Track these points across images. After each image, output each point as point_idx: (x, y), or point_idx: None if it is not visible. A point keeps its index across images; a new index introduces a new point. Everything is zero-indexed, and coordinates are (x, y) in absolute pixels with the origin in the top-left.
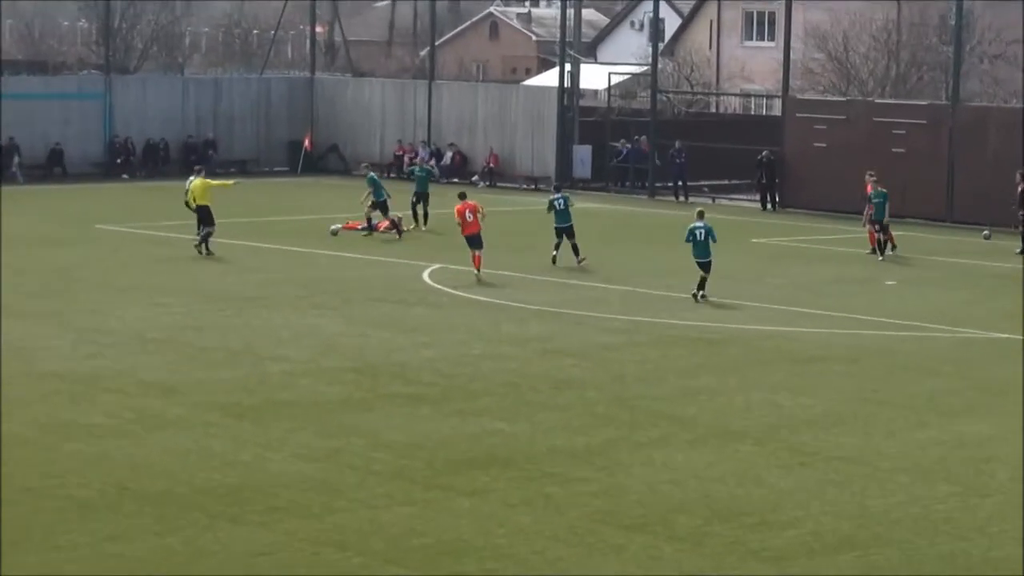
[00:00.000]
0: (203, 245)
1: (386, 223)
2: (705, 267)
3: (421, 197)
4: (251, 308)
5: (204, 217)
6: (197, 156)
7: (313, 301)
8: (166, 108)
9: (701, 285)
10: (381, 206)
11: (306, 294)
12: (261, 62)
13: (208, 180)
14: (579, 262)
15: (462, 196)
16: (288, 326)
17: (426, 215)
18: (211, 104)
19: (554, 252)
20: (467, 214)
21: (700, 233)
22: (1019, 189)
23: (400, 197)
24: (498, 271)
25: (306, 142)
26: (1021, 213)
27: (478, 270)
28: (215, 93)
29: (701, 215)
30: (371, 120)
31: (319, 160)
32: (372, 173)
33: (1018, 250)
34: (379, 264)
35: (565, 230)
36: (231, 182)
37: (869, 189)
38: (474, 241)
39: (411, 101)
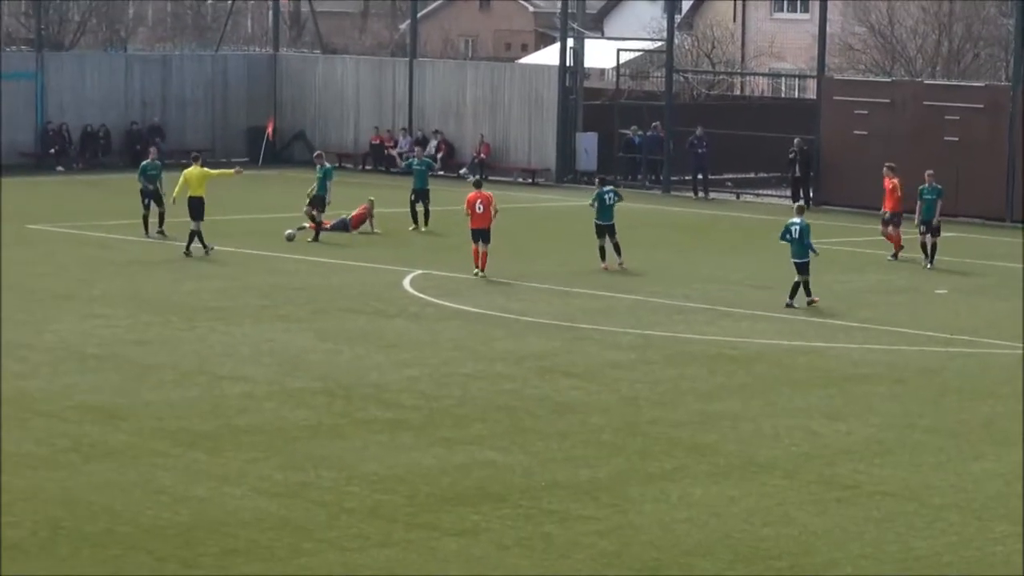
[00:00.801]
0: (189, 245)
1: (309, 222)
2: (802, 268)
3: (420, 195)
4: (206, 320)
5: (195, 210)
6: (143, 145)
7: (277, 312)
8: (107, 90)
9: (795, 291)
10: (318, 202)
11: (269, 304)
12: (216, 37)
13: (207, 169)
14: (620, 264)
15: (478, 184)
16: (248, 341)
17: (427, 214)
18: (159, 85)
19: (601, 254)
20: (478, 204)
21: (795, 230)
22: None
23: (393, 194)
24: (491, 278)
25: (269, 129)
26: None
27: (482, 269)
28: (163, 73)
29: (800, 210)
30: (343, 104)
31: (284, 149)
32: (327, 164)
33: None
34: (353, 270)
35: (608, 228)
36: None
37: (888, 184)
38: (481, 235)
39: (389, 82)
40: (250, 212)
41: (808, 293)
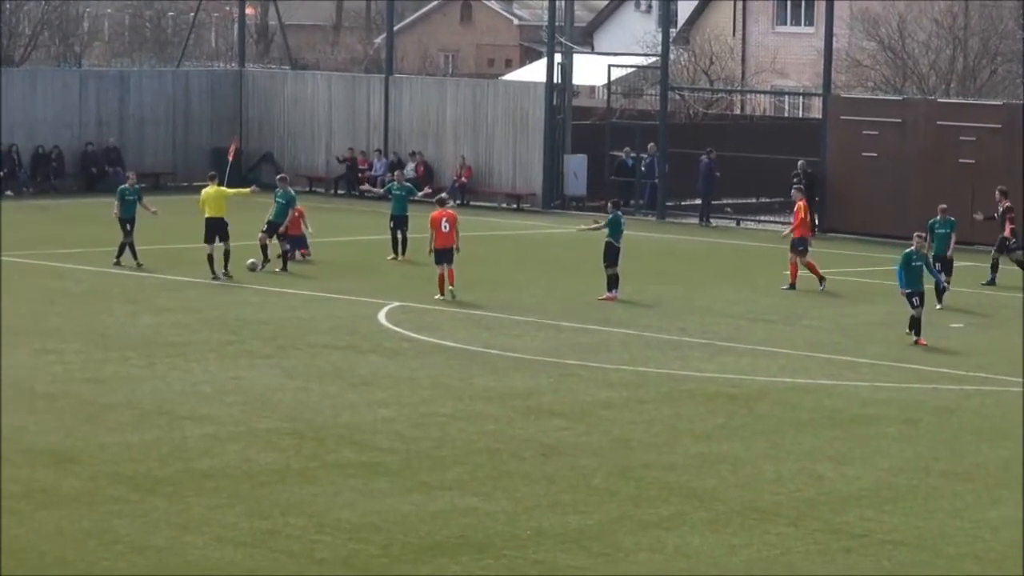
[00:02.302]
0: (224, 268)
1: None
2: (915, 298)
3: (399, 222)
4: (166, 356)
5: (219, 231)
6: (98, 168)
7: (242, 348)
8: (59, 109)
9: (914, 324)
10: (272, 228)
11: (233, 339)
12: (177, 52)
13: (223, 188)
14: (615, 295)
15: (441, 203)
16: (211, 379)
17: (404, 242)
18: (116, 103)
19: (610, 284)
20: (443, 223)
21: (915, 258)
22: (1000, 208)
23: (370, 220)
24: (472, 311)
25: (230, 151)
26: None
27: (451, 286)
28: (120, 90)
29: (922, 239)
30: (314, 123)
31: (250, 172)
32: (290, 189)
33: (985, 281)
34: (324, 302)
35: (619, 252)
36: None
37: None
38: (444, 256)
39: (364, 100)
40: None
41: (916, 327)
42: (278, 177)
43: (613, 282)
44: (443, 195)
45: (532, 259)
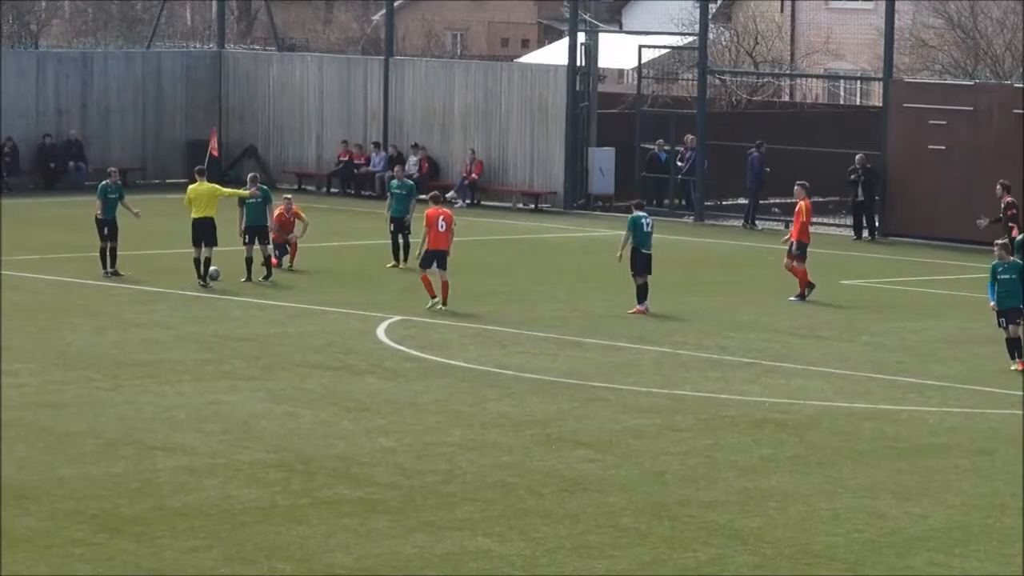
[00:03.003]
0: (206, 276)
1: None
2: (1003, 318)
3: (400, 225)
4: (134, 378)
5: (205, 234)
6: (58, 163)
7: (222, 368)
8: (13, 96)
9: (1011, 347)
10: (259, 233)
11: (212, 358)
12: (148, 30)
13: (217, 186)
14: (645, 308)
15: (436, 200)
16: (187, 403)
17: (406, 247)
18: (78, 89)
19: (640, 296)
20: (440, 222)
21: (1000, 269)
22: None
23: (367, 223)
24: (484, 326)
25: (212, 144)
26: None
27: (444, 301)
28: (83, 74)
29: (1005, 249)
30: (304, 112)
31: (231, 168)
32: (264, 186)
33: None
34: (315, 315)
35: (649, 259)
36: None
37: (799, 206)
38: (438, 258)
39: (360, 85)
40: (188, 245)
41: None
42: (250, 176)
43: (643, 293)
44: (435, 192)
45: (552, 267)
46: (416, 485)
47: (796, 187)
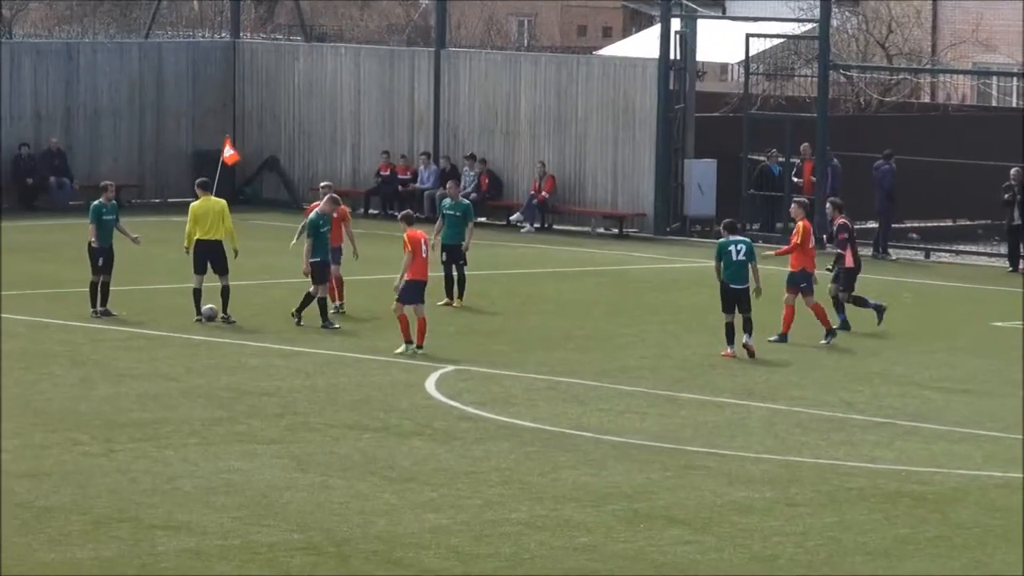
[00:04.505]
0: (223, 311)
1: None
2: None
3: (454, 254)
4: (129, 441)
5: (214, 260)
6: (36, 178)
7: (236, 429)
8: None
9: None
10: (318, 270)
11: (224, 416)
12: (146, 16)
13: (224, 202)
14: (747, 346)
15: (409, 220)
16: (194, 472)
17: (462, 281)
18: (61, 88)
19: (730, 336)
20: (423, 247)
21: None
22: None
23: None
24: (556, 377)
25: (225, 152)
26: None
27: (420, 343)
28: (67, 70)
29: None
30: (336, 116)
31: (247, 185)
32: (317, 210)
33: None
34: (351, 364)
35: (741, 295)
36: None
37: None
38: (419, 292)
39: (405, 83)
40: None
41: None
42: (322, 186)
43: (729, 333)
44: (407, 211)
45: (639, 305)
46: (474, 572)
47: (793, 204)
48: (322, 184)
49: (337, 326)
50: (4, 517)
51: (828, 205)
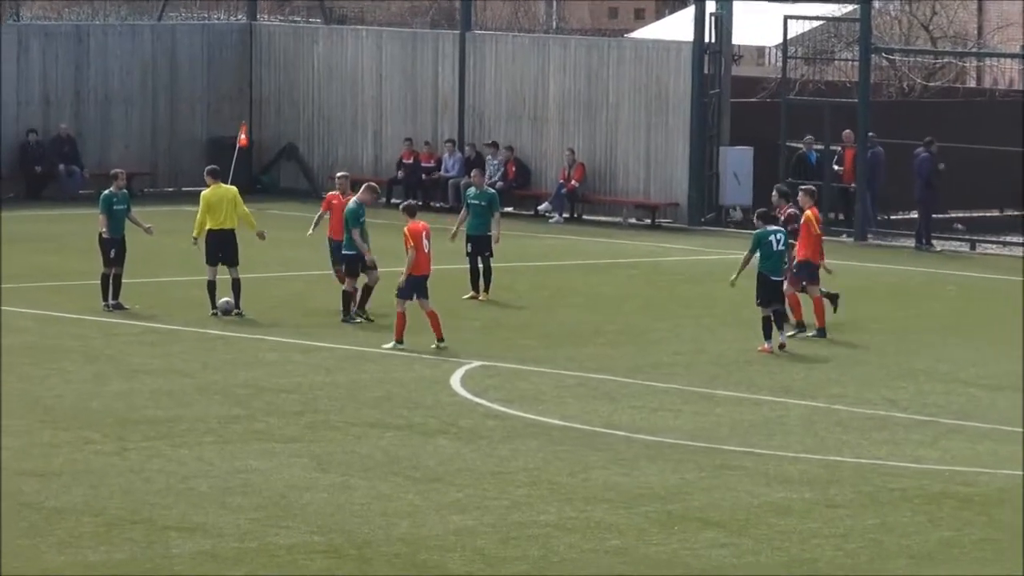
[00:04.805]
0: (236, 305)
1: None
2: None
3: (480, 245)
4: (142, 439)
5: (225, 251)
6: (45, 166)
7: (254, 427)
8: None
9: None
10: (348, 265)
11: (242, 414)
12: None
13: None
14: (782, 345)
15: (412, 211)
16: (209, 471)
17: (488, 274)
18: (70, 73)
19: (768, 331)
20: (425, 241)
21: None
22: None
23: (438, 242)
24: (587, 374)
25: (241, 138)
26: None
27: (440, 336)
28: (76, 53)
29: None
30: (357, 101)
31: (265, 172)
32: (355, 199)
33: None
34: (374, 360)
35: (780, 288)
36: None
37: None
38: (422, 287)
39: (429, 68)
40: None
41: None
42: (339, 176)
43: (768, 327)
44: (411, 201)
45: (673, 298)
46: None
47: (800, 193)
48: (338, 175)
49: (359, 320)
50: (7, 518)
51: (775, 193)
